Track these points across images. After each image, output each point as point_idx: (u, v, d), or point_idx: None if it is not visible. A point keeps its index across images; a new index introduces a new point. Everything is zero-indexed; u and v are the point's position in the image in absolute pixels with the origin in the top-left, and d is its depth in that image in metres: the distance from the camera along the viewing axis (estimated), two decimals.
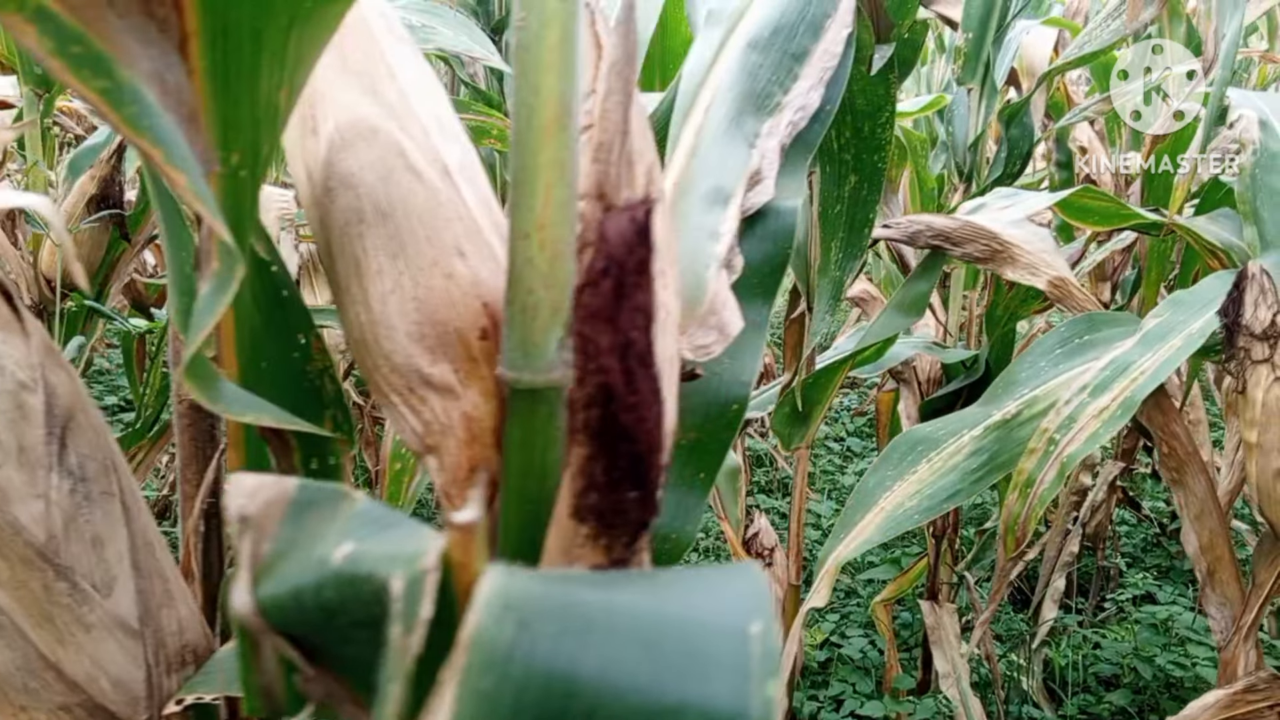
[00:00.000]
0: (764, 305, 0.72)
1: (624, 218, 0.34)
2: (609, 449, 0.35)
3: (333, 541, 0.30)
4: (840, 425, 4.86)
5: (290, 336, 0.57)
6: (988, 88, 2.38)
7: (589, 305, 0.34)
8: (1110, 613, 3.04)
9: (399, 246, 0.51)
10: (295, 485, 0.34)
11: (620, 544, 0.37)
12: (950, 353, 2.27)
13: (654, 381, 0.34)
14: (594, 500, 0.36)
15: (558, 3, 0.41)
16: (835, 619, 3.03)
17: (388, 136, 0.53)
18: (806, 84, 0.81)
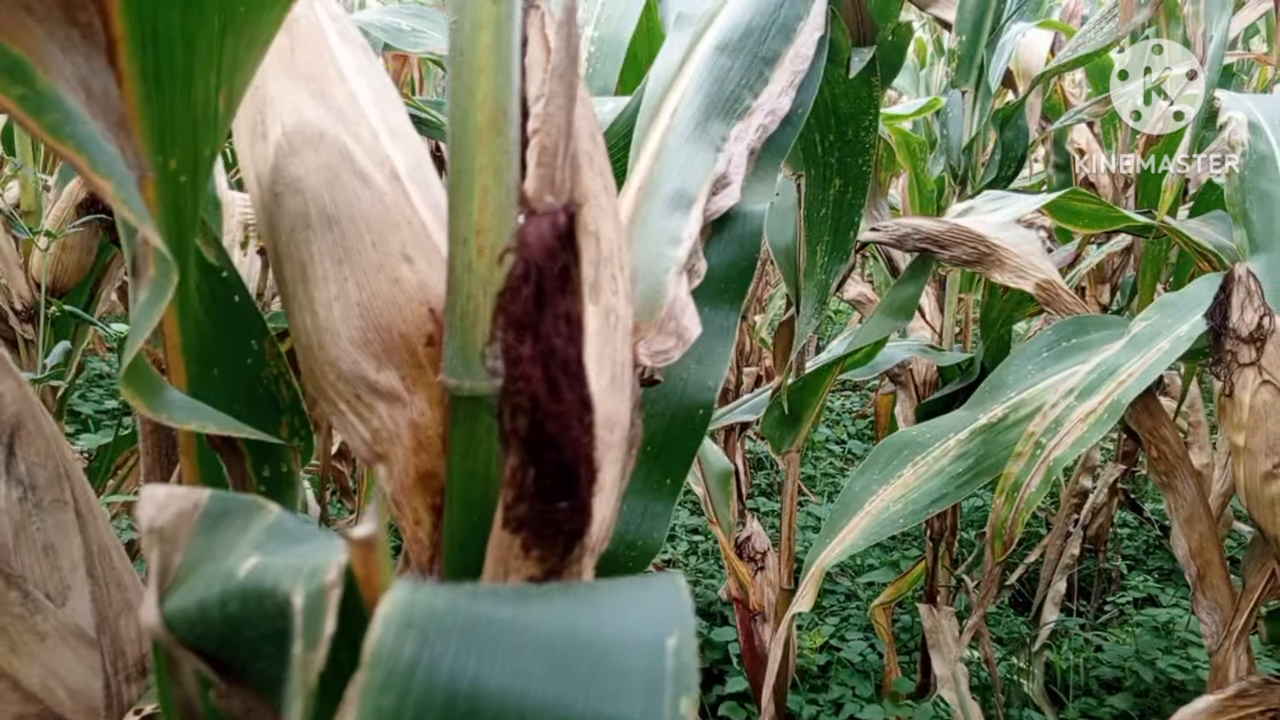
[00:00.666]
0: (731, 310, 0.71)
1: (544, 223, 0.34)
2: (537, 458, 0.34)
3: (241, 554, 0.30)
4: (842, 428, 4.85)
5: (243, 342, 0.57)
6: (982, 90, 2.37)
7: (510, 312, 0.33)
8: (1111, 615, 3.02)
9: (344, 252, 0.50)
10: (208, 496, 0.33)
11: (554, 555, 0.36)
12: (945, 355, 2.26)
13: (581, 390, 0.33)
14: (524, 510, 0.35)
15: (490, 5, 0.41)
16: (835, 622, 3.02)
17: (335, 141, 0.53)
18: (777, 87, 0.80)
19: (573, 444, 0.34)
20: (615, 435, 0.50)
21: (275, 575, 0.28)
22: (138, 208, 0.42)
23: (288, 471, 0.54)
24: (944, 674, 2.30)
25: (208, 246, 0.54)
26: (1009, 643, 2.91)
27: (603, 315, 0.50)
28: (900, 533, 3.67)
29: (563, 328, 0.33)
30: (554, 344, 0.33)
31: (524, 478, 0.35)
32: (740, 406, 2.11)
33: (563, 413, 0.33)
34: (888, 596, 2.56)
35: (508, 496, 0.35)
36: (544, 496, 0.34)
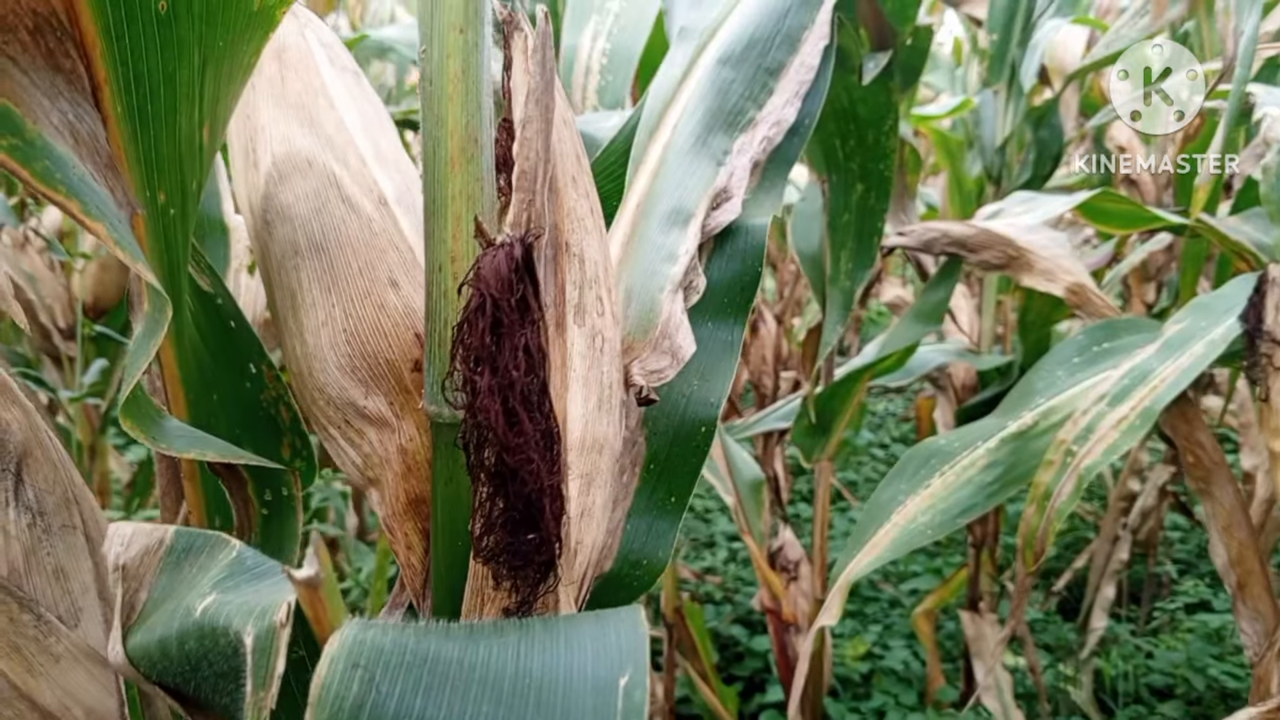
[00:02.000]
0: (735, 325, 0.71)
1: (500, 254, 0.34)
2: (503, 490, 0.34)
3: (201, 592, 0.30)
4: (885, 431, 4.80)
5: (241, 367, 0.58)
6: (1014, 89, 2.33)
7: (467, 345, 0.33)
8: (1162, 621, 2.95)
9: (332, 279, 0.51)
10: (172, 533, 0.33)
11: (526, 586, 0.36)
12: (983, 359, 2.23)
13: (544, 422, 0.33)
14: (493, 542, 0.35)
15: (458, 35, 0.41)
16: (878, 630, 2.99)
17: (323, 168, 0.53)
18: (782, 98, 0.79)
19: (534, 476, 0.33)
20: (604, 458, 0.50)
21: (229, 614, 0.29)
22: (131, 248, 0.43)
23: (289, 495, 0.54)
24: (987, 682, 2.26)
25: (202, 274, 0.55)
26: (1056, 649, 2.86)
27: (588, 337, 0.50)
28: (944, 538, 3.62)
29: (522, 359, 0.33)
30: (512, 376, 0.33)
31: (491, 509, 0.35)
32: (773, 414, 2.10)
33: (522, 445, 0.33)
34: (930, 604, 2.52)
35: (476, 528, 0.35)
36: (511, 528, 0.34)
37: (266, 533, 0.54)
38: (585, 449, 0.48)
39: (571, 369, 0.48)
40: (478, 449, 0.34)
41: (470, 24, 0.41)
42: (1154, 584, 3.07)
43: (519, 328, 0.34)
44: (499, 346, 0.33)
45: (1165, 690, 2.67)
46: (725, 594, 3.13)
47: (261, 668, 0.28)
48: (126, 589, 0.31)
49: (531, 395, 0.34)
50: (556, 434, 0.35)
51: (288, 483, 0.54)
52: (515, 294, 0.34)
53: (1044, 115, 2.31)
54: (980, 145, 2.42)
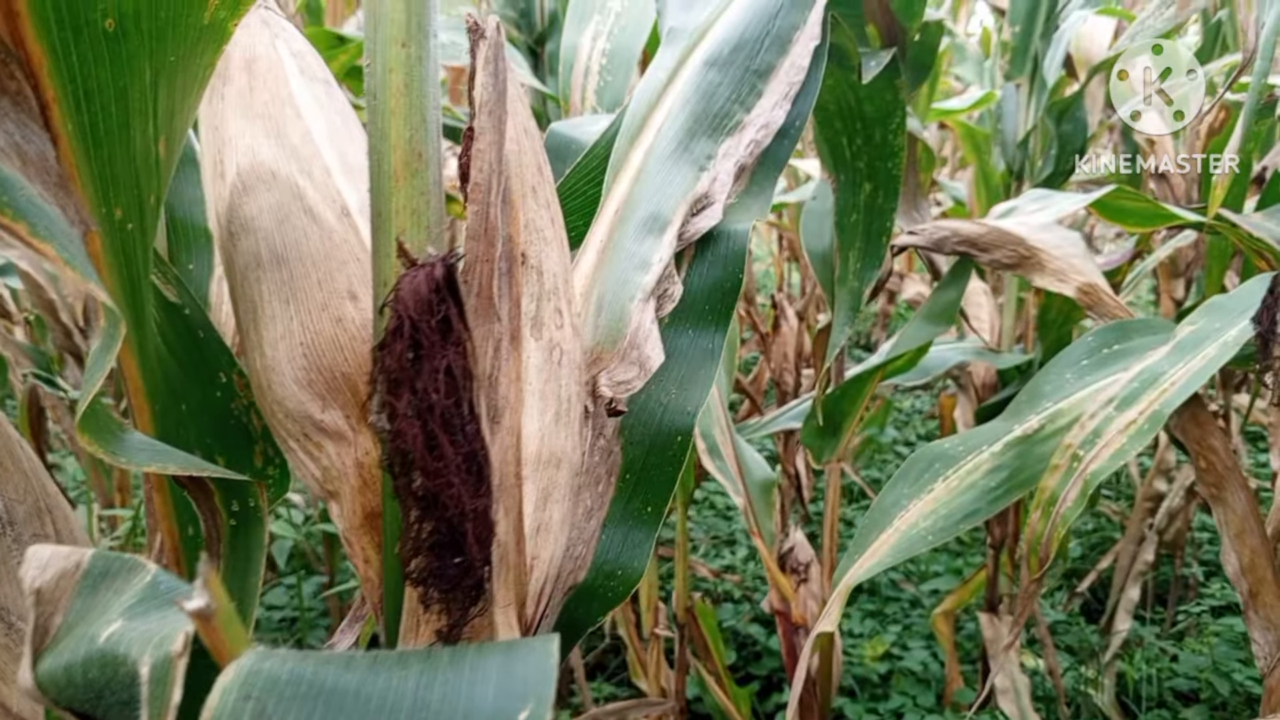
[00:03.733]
0: (716, 333, 0.70)
1: (420, 275, 0.33)
2: (428, 515, 0.34)
3: (109, 619, 0.30)
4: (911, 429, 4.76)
5: (210, 376, 0.58)
6: (1037, 82, 2.30)
7: (386, 367, 0.33)
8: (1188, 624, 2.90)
9: (291, 291, 0.50)
10: (89, 557, 0.33)
11: (455, 610, 0.36)
12: (1002, 357, 2.20)
13: (467, 445, 0.33)
14: (420, 565, 0.35)
15: (400, 49, 0.40)
16: (897, 630, 2.96)
17: (287, 179, 0.53)
18: (771, 100, 0.78)
19: (455, 501, 0.33)
20: (562, 473, 0.50)
21: (130, 642, 0.28)
22: (82, 266, 0.43)
23: (255, 506, 0.54)
24: (1004, 685, 2.24)
25: (168, 286, 0.55)
26: (1079, 652, 2.82)
27: (546, 350, 0.49)
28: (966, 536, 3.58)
29: (442, 382, 0.32)
30: (432, 399, 0.32)
31: (418, 532, 0.34)
32: (787, 413, 2.08)
33: (442, 469, 0.32)
34: (949, 605, 2.50)
35: (404, 551, 0.35)
36: (437, 552, 0.34)
37: (234, 543, 0.54)
38: (541, 463, 0.48)
39: (527, 383, 0.48)
40: (399, 472, 0.34)
41: (413, 38, 0.41)
42: (1180, 586, 3.02)
43: (440, 349, 0.33)
44: (418, 369, 0.33)
45: (1189, 695, 2.63)
46: (744, 593, 3.12)
47: (157, 699, 0.27)
48: (40, 613, 0.31)
49: (453, 418, 0.33)
50: (484, 456, 0.35)
51: (254, 494, 0.54)
52: (436, 315, 0.33)
53: (1066, 109, 2.27)
54: (1002, 140, 2.38)
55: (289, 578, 2.77)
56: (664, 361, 0.69)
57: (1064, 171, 2.32)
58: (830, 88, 1.20)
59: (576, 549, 0.63)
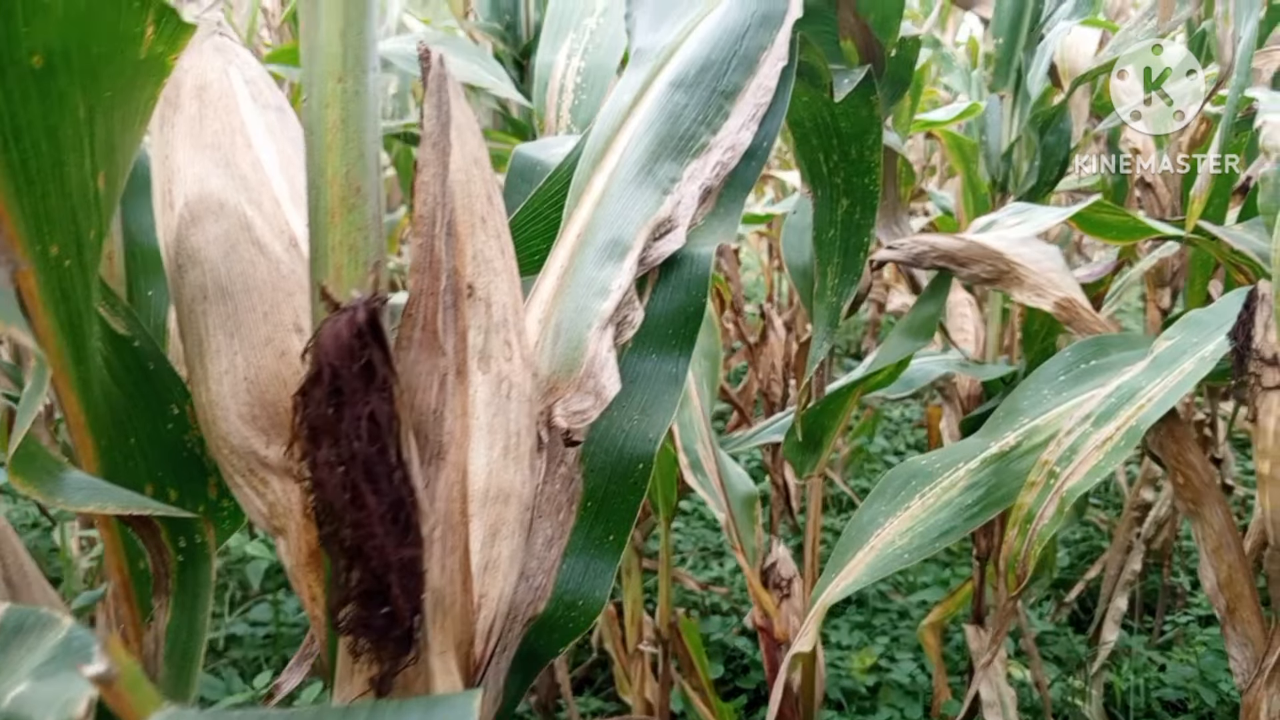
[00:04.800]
0: (680, 357, 0.69)
1: (341, 321, 0.33)
2: (354, 564, 0.33)
3: (17, 679, 0.29)
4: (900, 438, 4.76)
5: (161, 408, 0.57)
6: (1020, 94, 2.30)
7: (306, 416, 0.32)
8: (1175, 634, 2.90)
9: (236, 324, 0.50)
10: (4, 611, 0.33)
11: (386, 659, 0.35)
12: (985, 369, 2.20)
13: (393, 493, 0.32)
14: (349, 614, 0.34)
15: (336, 84, 0.40)
16: (885, 642, 2.96)
17: (235, 210, 0.52)
18: (738, 121, 0.78)
19: (378, 552, 0.32)
20: (511, 508, 0.49)
21: (34, 704, 0.28)
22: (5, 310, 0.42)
23: (202, 542, 0.53)
24: (990, 698, 2.23)
25: (116, 318, 0.54)
26: (1067, 662, 2.82)
27: (494, 384, 0.49)
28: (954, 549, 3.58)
29: (364, 429, 0.32)
30: (354, 448, 0.32)
31: (346, 581, 0.34)
32: (770, 426, 2.08)
33: (365, 520, 0.32)
34: (936, 617, 2.49)
35: (332, 600, 0.34)
36: (364, 602, 0.33)
37: (183, 579, 0.53)
38: (489, 499, 0.47)
39: (474, 418, 0.47)
40: (322, 521, 0.33)
41: (350, 72, 0.40)
42: (1168, 595, 3.02)
43: (362, 396, 0.33)
44: (339, 417, 0.32)
45: (1177, 704, 2.63)
46: (732, 605, 3.11)
47: None
48: None
49: (377, 467, 0.32)
50: (411, 504, 0.34)
51: (201, 530, 0.53)
52: (358, 361, 0.33)
53: (1050, 120, 2.28)
54: (986, 151, 2.39)
55: (278, 593, 2.75)
56: (627, 387, 0.68)
57: (1048, 183, 2.32)
58: (806, 104, 1.20)
59: (536, 579, 0.62)
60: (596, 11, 1.22)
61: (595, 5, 1.23)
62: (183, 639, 0.51)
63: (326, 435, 0.32)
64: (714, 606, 3.15)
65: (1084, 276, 2.14)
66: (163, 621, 0.51)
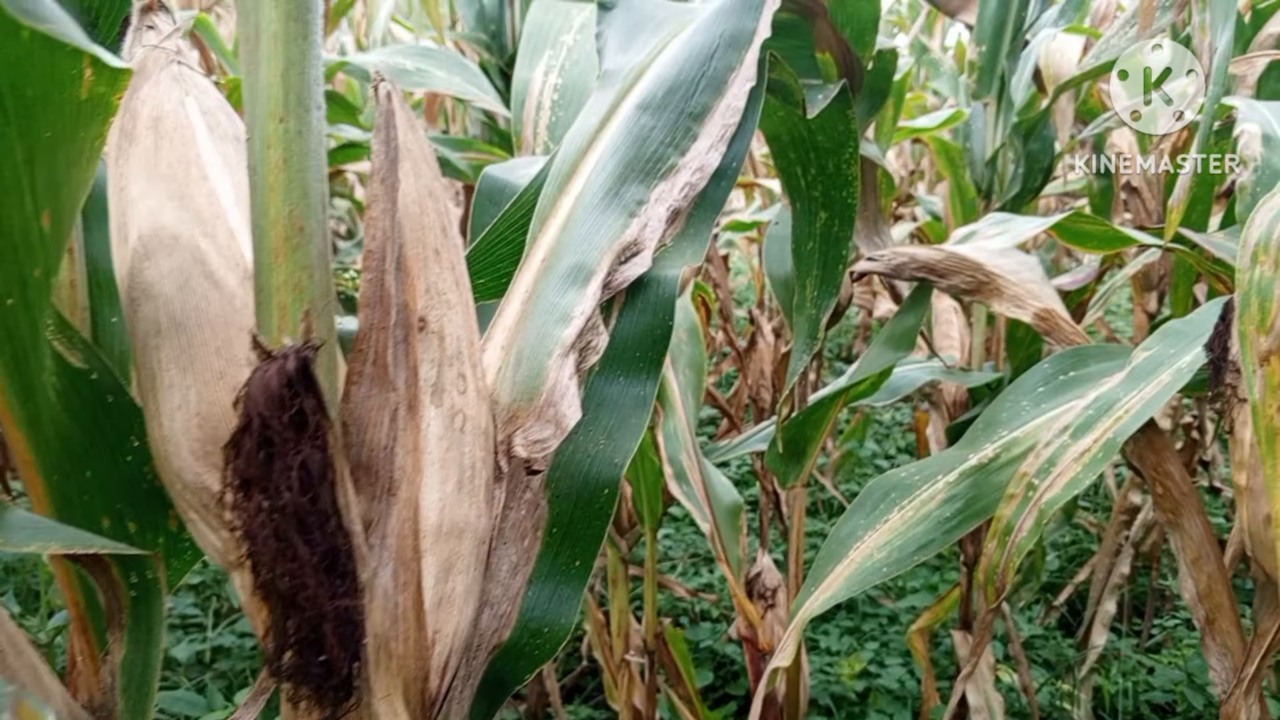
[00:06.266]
0: (648, 380, 0.69)
1: (271, 370, 0.32)
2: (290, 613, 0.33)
3: None
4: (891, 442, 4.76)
5: (120, 441, 0.57)
6: (1004, 101, 2.30)
7: (236, 467, 0.32)
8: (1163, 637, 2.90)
9: (190, 359, 0.50)
10: None
11: (325, 707, 0.35)
12: (972, 376, 2.20)
13: (326, 543, 0.32)
14: (287, 662, 0.34)
15: (278, 124, 0.40)
16: (875, 647, 2.96)
17: (189, 244, 0.52)
18: (706, 143, 0.78)
19: (311, 603, 0.32)
20: (465, 543, 0.49)
21: None
22: None
23: (154, 577, 0.53)
24: (978, 703, 2.23)
25: (73, 351, 0.54)
26: (1056, 666, 2.82)
27: (447, 417, 0.48)
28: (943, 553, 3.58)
29: (295, 479, 0.32)
30: (284, 498, 0.31)
31: (283, 629, 0.33)
32: (755, 436, 2.08)
33: (297, 570, 0.32)
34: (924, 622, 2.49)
35: (269, 648, 0.34)
36: (302, 650, 0.33)
37: (136, 614, 0.53)
38: (442, 535, 0.47)
39: (426, 452, 0.47)
40: (255, 571, 0.33)
41: (292, 112, 0.40)
42: (1156, 598, 3.03)
43: (293, 446, 0.32)
44: (269, 467, 0.32)
45: (1166, 707, 2.63)
46: (722, 612, 3.11)
47: None
48: None
49: (308, 517, 0.32)
50: (347, 551, 0.34)
51: (152, 566, 0.53)
52: (289, 410, 0.33)
53: (1034, 128, 2.28)
54: (970, 158, 2.39)
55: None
56: (593, 411, 0.68)
57: (1033, 189, 2.32)
58: (782, 119, 1.20)
59: (501, 607, 0.62)
60: (574, 28, 1.22)
61: (573, 22, 1.23)
62: (138, 673, 0.51)
63: (257, 486, 0.32)
64: (704, 613, 3.15)
65: (1068, 284, 2.14)
66: (118, 655, 0.51)
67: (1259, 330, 0.79)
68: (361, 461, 0.45)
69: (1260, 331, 0.79)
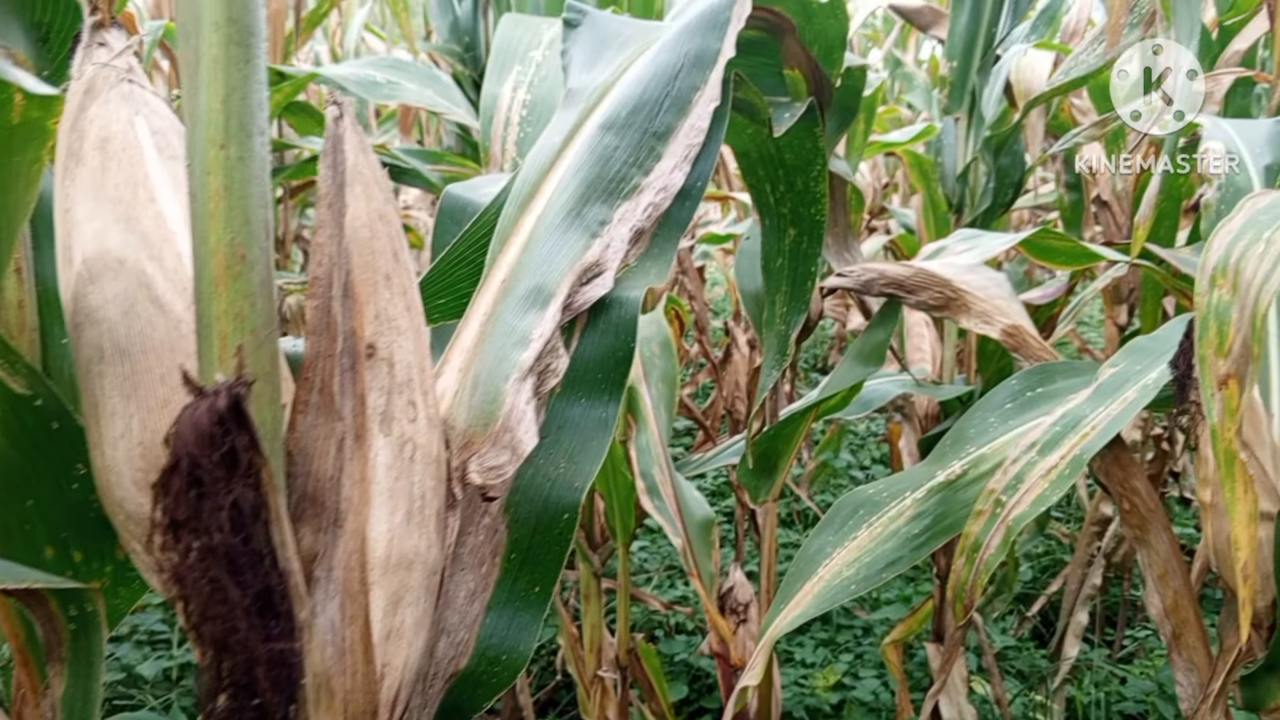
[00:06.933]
0: (610, 402, 0.68)
1: (202, 408, 0.32)
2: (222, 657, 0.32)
3: None
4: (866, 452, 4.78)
5: (65, 468, 0.55)
6: (975, 116, 2.32)
7: (164, 508, 0.31)
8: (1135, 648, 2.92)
9: (133, 386, 0.48)
10: None
11: None
12: (943, 389, 2.21)
13: (259, 583, 0.31)
14: (220, 705, 0.33)
15: (218, 151, 0.39)
16: (849, 659, 2.96)
17: (135, 267, 0.51)
18: (670, 163, 0.77)
19: (242, 646, 0.31)
20: (415, 574, 0.48)
21: None
22: None
23: (93, 611, 0.52)
24: (951, 715, 2.23)
25: (16, 378, 0.52)
26: (1029, 677, 2.83)
27: (396, 446, 0.48)
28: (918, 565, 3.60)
29: (226, 519, 0.31)
30: (215, 539, 0.30)
31: (216, 670, 0.33)
32: (728, 449, 2.07)
33: (227, 614, 0.31)
34: (898, 635, 2.49)
35: (202, 690, 0.33)
36: (235, 693, 0.32)
37: (75, 648, 0.51)
38: (391, 567, 0.46)
39: (374, 482, 0.46)
40: (185, 614, 0.32)
41: (233, 139, 0.39)
42: (1128, 608, 3.05)
43: (224, 486, 0.32)
44: (199, 508, 0.31)
45: (1137, 717, 2.65)
46: (697, 625, 3.10)
47: None
48: None
49: (240, 558, 0.31)
50: (282, 591, 0.33)
51: (91, 600, 0.52)
52: (220, 448, 0.32)
53: (1004, 143, 2.30)
54: (941, 173, 2.40)
55: None
56: (554, 433, 0.67)
57: (1003, 204, 2.34)
58: (750, 136, 1.20)
59: (458, 635, 0.61)
60: (543, 44, 1.22)
61: (542, 37, 1.22)
62: (78, 707, 0.50)
63: (186, 527, 0.31)
64: (679, 625, 3.14)
65: (1038, 297, 2.16)
66: (58, 690, 0.50)
67: (1217, 354, 0.79)
68: (308, 492, 0.44)
69: (1218, 355, 0.79)
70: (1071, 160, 3.03)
